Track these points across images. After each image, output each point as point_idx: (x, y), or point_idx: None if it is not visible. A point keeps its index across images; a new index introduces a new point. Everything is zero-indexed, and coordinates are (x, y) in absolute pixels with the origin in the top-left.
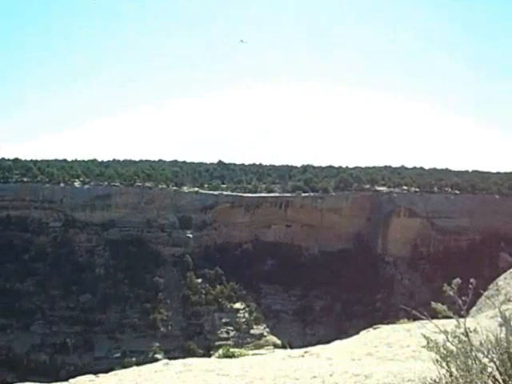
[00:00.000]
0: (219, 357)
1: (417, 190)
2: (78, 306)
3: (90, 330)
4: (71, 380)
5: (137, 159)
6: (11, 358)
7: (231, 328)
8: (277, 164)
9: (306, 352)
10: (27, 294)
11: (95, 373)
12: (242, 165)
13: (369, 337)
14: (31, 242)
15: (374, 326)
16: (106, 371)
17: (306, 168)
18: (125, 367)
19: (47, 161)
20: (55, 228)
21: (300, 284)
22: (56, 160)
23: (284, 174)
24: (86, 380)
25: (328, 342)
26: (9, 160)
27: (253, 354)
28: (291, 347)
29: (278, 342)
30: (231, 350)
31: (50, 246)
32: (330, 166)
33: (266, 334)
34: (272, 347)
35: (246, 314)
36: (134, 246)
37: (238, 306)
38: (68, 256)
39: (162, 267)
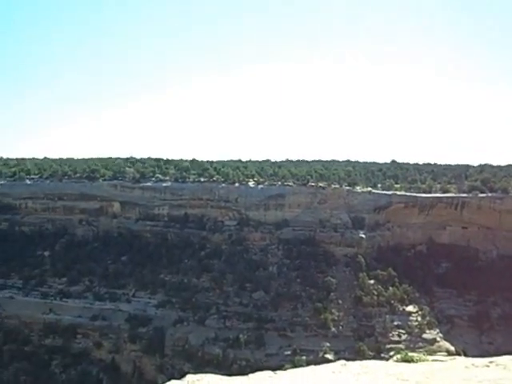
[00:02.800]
0: (397, 360)
1: None
2: (250, 303)
3: (261, 326)
4: (251, 375)
5: (310, 159)
6: (187, 349)
7: (403, 331)
8: (452, 163)
9: (491, 362)
10: (203, 289)
11: (267, 369)
12: (416, 164)
13: None
14: (207, 239)
15: None
16: (277, 368)
17: (483, 167)
18: (295, 365)
19: (223, 161)
20: (230, 226)
21: (476, 289)
22: (231, 160)
23: (460, 173)
24: (265, 376)
25: (509, 352)
26: (187, 161)
27: (432, 360)
28: (465, 355)
29: (452, 348)
30: (409, 354)
31: (225, 244)
32: (510, 165)
33: (438, 339)
34: (445, 353)
35: (419, 318)
36: (306, 245)
37: (410, 308)
38: (242, 254)
39: (334, 267)
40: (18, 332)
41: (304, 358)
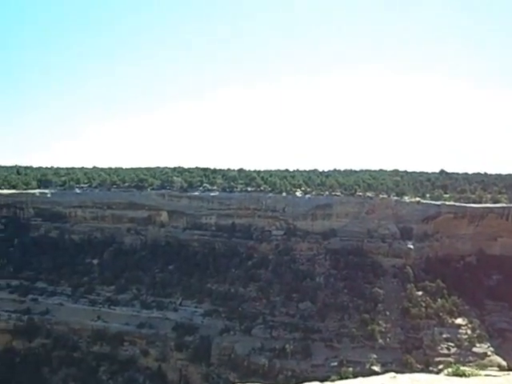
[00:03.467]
0: (448, 374)
1: None
2: (297, 313)
3: (308, 337)
4: None
5: (357, 169)
6: (233, 358)
7: (452, 344)
8: (503, 173)
9: None
10: (250, 298)
11: (313, 380)
12: (466, 174)
13: None
14: (254, 249)
15: None
16: (323, 379)
17: None
18: (342, 377)
19: (270, 171)
20: (277, 236)
21: None
22: (278, 170)
23: (511, 183)
24: None
25: None
26: (234, 170)
27: (485, 375)
28: None
29: (504, 363)
30: (461, 368)
31: (272, 254)
32: None
33: (489, 353)
34: (497, 368)
35: (469, 331)
36: (354, 255)
37: (459, 321)
38: (289, 264)
39: (381, 278)
40: (66, 338)
41: (351, 369)
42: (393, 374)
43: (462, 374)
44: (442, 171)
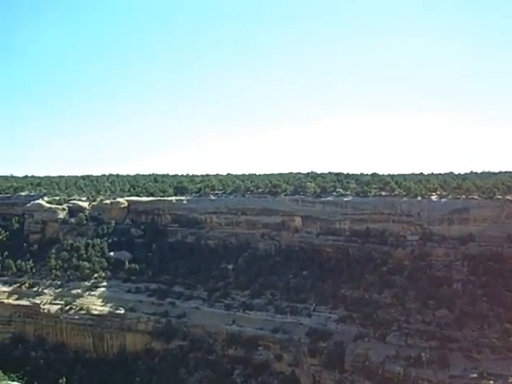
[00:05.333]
0: None
1: None
2: (433, 321)
3: (445, 346)
4: None
5: (496, 171)
6: (367, 366)
7: None
8: None
9: None
10: (384, 305)
11: None
12: None
13: None
14: (389, 254)
15: None
16: None
17: None
18: None
19: (404, 175)
20: (413, 241)
21: None
22: (413, 174)
23: None
24: None
25: None
26: (367, 175)
27: None
28: None
29: None
30: None
31: (407, 260)
32: None
33: None
34: None
35: None
36: (493, 261)
37: None
38: (425, 270)
39: None
40: (202, 341)
41: (492, 382)
42: None
43: None
44: None
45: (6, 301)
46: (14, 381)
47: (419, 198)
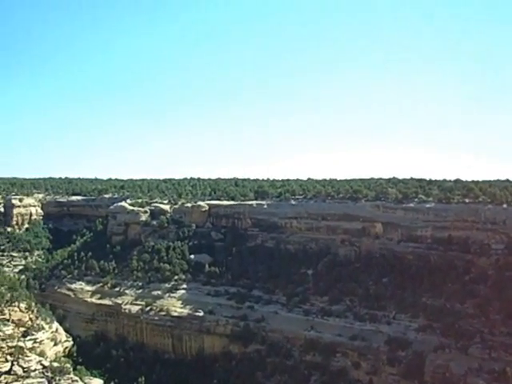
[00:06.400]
0: None
1: None
2: None
3: None
4: None
5: None
6: (448, 377)
7: None
8: None
9: None
10: (467, 315)
11: None
12: None
13: None
14: (472, 263)
15: None
16: None
17: None
18: None
19: (489, 181)
20: (497, 250)
21: None
22: (498, 180)
23: None
24: None
25: None
26: (450, 181)
27: None
28: None
29: None
30: None
31: (491, 269)
32: None
33: None
34: None
35: None
36: None
37: None
38: (510, 280)
39: None
40: (280, 346)
41: None
42: None
43: None
44: None
45: (89, 300)
46: (95, 377)
47: (505, 206)
